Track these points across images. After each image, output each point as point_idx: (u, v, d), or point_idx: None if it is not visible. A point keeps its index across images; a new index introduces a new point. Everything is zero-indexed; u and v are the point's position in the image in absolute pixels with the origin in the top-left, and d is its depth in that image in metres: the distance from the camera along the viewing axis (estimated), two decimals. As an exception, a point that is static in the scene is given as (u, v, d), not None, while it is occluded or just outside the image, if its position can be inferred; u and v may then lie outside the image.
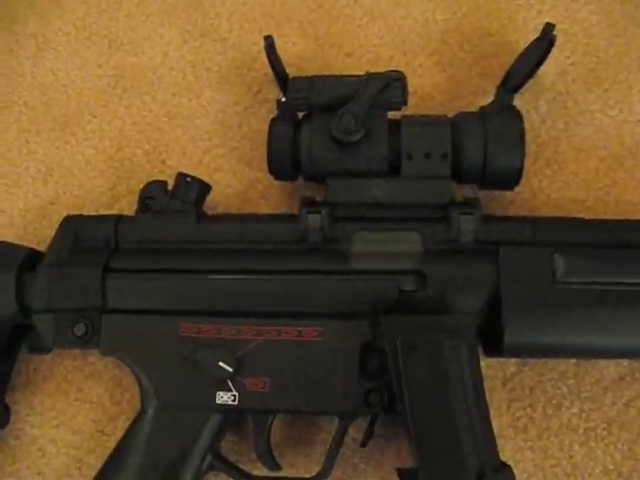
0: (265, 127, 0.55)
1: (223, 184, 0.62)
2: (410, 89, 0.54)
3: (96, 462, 0.55)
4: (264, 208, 0.61)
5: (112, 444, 0.54)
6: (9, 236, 0.62)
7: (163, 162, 0.63)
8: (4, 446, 0.60)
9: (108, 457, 0.53)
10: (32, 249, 0.57)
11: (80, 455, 0.59)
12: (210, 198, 0.58)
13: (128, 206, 0.62)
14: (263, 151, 0.55)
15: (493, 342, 0.51)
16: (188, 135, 0.64)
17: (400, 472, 0.51)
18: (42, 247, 0.58)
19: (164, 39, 0.66)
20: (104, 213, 0.59)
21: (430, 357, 0.48)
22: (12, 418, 0.59)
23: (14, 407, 0.59)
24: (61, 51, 0.67)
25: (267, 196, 0.62)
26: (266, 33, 0.56)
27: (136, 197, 0.57)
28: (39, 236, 0.62)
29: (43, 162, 0.65)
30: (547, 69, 0.61)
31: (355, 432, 0.56)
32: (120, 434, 0.54)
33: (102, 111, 0.65)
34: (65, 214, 0.58)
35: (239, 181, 0.62)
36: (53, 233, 0.57)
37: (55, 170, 0.64)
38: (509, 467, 0.47)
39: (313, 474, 0.52)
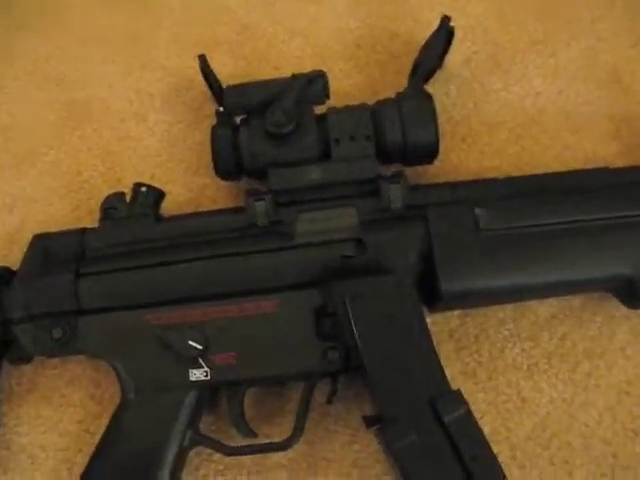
0: (207, 139, 0.61)
1: (175, 194, 0.68)
2: (333, 90, 0.61)
3: (84, 460, 0.58)
4: (218, 197, 0.67)
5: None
6: (-19, 265, 0.66)
7: (119, 181, 0.69)
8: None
9: (95, 449, 0.57)
10: (5, 266, 0.62)
11: (69, 456, 0.62)
12: (164, 207, 0.63)
13: (90, 225, 0.66)
14: (208, 160, 0.61)
15: (433, 295, 0.56)
16: (139, 154, 0.70)
17: (365, 418, 0.56)
18: (14, 270, 0.63)
19: (108, 73, 0.73)
20: (70, 228, 0.63)
21: (376, 307, 0.54)
22: (0, 431, 0.62)
23: (1, 420, 0.62)
24: (15, 94, 0.73)
25: (216, 199, 0.68)
26: (198, 54, 0.63)
27: (97, 216, 0.62)
28: (9, 261, 0.65)
29: (7, 194, 0.70)
30: (453, 59, 0.69)
31: (322, 397, 0.60)
32: (104, 429, 0.57)
33: (58, 142, 0.71)
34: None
35: (189, 189, 0.68)
36: (22, 256, 0.61)
37: (19, 200, 0.70)
38: (458, 390, 0.52)
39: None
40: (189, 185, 0.69)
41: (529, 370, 0.61)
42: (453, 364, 0.62)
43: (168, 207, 0.65)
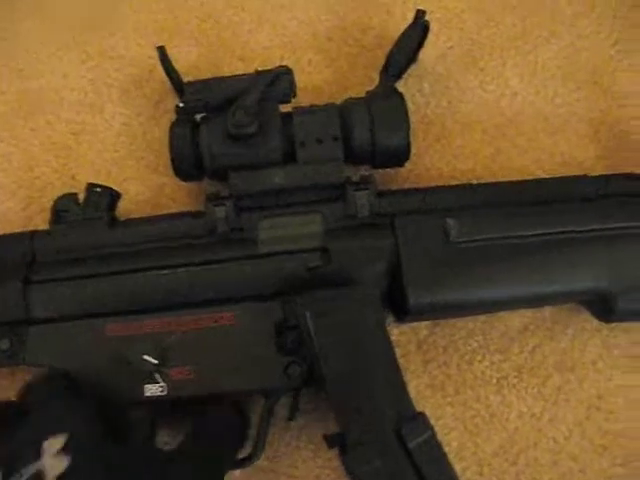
0: (167, 135, 0.57)
1: (133, 192, 0.64)
2: (301, 84, 0.58)
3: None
4: (174, 210, 0.63)
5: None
6: None
7: (73, 177, 0.65)
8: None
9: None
10: None
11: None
12: (121, 206, 0.60)
13: (42, 224, 0.63)
14: (167, 158, 0.57)
15: (401, 308, 0.54)
16: (95, 149, 0.66)
17: (326, 438, 0.54)
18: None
19: (63, 61, 0.68)
20: (18, 231, 0.60)
21: (339, 323, 0.51)
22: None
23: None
24: (-38, 81, 0.69)
25: (175, 199, 0.64)
26: (157, 45, 0.58)
27: (49, 214, 0.58)
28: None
29: (-47, 188, 0.66)
30: (427, 54, 0.66)
31: (283, 411, 0.58)
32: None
33: (8, 135, 0.66)
34: (-21, 237, 0.59)
35: (148, 188, 0.65)
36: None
37: (-33, 196, 0.66)
38: (423, 414, 0.50)
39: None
40: (147, 183, 0.65)
41: (498, 384, 0.59)
42: (421, 376, 0.60)
43: (125, 206, 0.62)
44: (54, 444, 0.45)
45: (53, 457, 0.45)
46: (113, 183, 0.62)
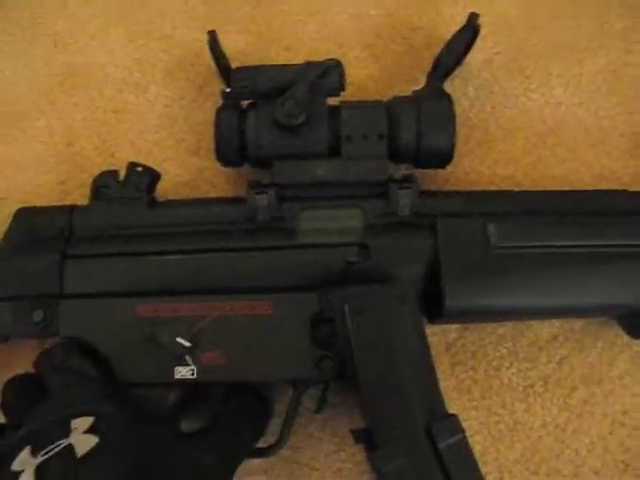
0: (210, 119, 0.57)
1: (172, 174, 0.64)
2: (347, 79, 0.58)
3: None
4: (212, 195, 0.64)
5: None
6: (-39, 232, 0.63)
7: (113, 155, 0.65)
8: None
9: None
10: None
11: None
12: (160, 187, 0.60)
13: (79, 199, 0.63)
14: (209, 142, 0.57)
15: (435, 309, 0.54)
16: (136, 129, 0.66)
17: (353, 432, 0.54)
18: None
19: (110, 38, 0.68)
20: (57, 205, 0.60)
21: (375, 320, 0.51)
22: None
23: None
24: (7, 50, 0.68)
25: (214, 183, 0.64)
26: (208, 30, 0.59)
27: (87, 191, 0.58)
28: (-9, 231, 0.63)
29: (-7, 158, 0.66)
30: (474, 58, 0.66)
31: (309, 402, 0.58)
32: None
33: (51, 108, 0.67)
34: (16, 208, 0.59)
35: (187, 170, 0.65)
36: (4, 227, 0.58)
37: (5, 166, 0.65)
38: (455, 416, 0.50)
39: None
40: (187, 166, 0.65)
41: (524, 392, 0.59)
42: (447, 379, 0.60)
43: (163, 187, 0.62)
44: (82, 424, 0.46)
45: (81, 435, 0.45)
46: (152, 163, 0.62)
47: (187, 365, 0.53)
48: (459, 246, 0.54)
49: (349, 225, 0.55)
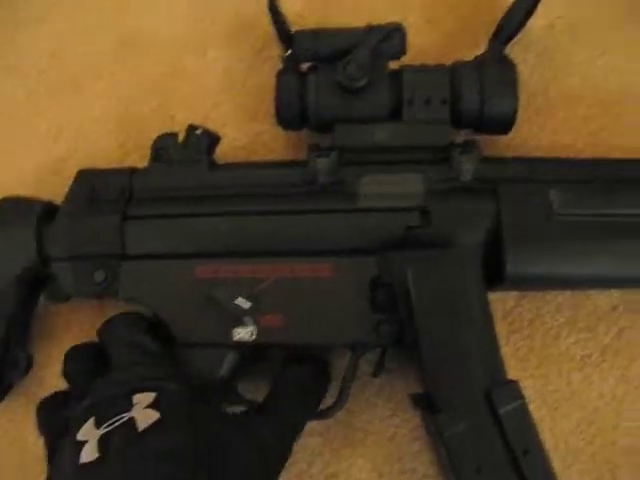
0: (268, 83, 0.57)
1: (230, 137, 0.64)
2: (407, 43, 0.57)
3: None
4: (271, 158, 0.64)
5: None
6: (21, 193, 0.63)
7: (172, 118, 0.65)
8: (27, 393, 0.62)
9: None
10: (49, 201, 0.59)
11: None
12: (218, 150, 0.60)
13: (138, 162, 0.63)
14: (267, 106, 0.57)
15: (495, 276, 0.53)
16: (194, 92, 0.66)
17: (412, 397, 0.54)
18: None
19: (168, 1, 0.68)
20: (118, 167, 0.61)
21: (438, 283, 0.51)
22: (33, 367, 0.60)
23: (34, 356, 0.61)
24: (67, 16, 0.69)
25: (273, 147, 0.64)
26: None
27: (146, 153, 0.58)
28: (51, 193, 0.62)
29: (53, 122, 0.66)
30: (535, 24, 0.64)
31: (365, 367, 0.58)
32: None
33: (109, 72, 0.67)
34: (76, 170, 0.59)
35: (245, 134, 0.65)
36: (65, 189, 0.58)
37: (65, 129, 0.66)
38: (515, 382, 0.50)
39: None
40: (245, 130, 0.65)
41: (582, 361, 0.59)
42: (504, 347, 0.58)
43: (222, 151, 0.61)
44: (145, 399, 0.47)
45: (143, 410, 0.46)
46: (211, 127, 0.62)
47: (246, 327, 0.54)
48: (521, 212, 0.53)
49: (410, 190, 0.55)
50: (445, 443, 0.48)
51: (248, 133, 0.65)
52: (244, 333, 0.54)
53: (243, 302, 0.53)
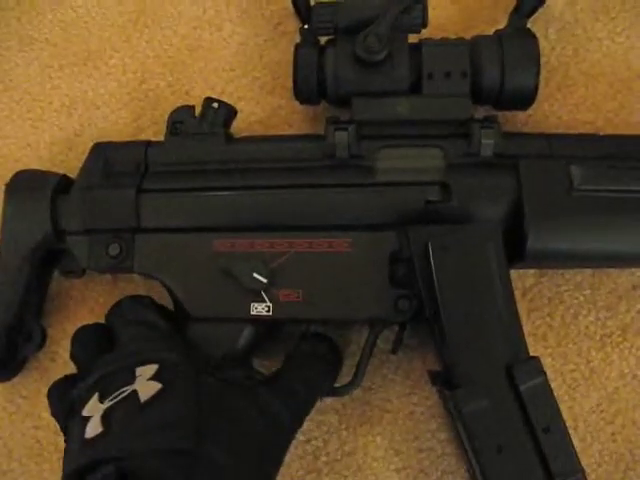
0: (285, 57, 0.57)
1: (247, 112, 0.63)
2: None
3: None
4: (288, 133, 0.63)
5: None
6: (36, 167, 0.63)
7: (187, 93, 0.65)
8: (40, 368, 0.61)
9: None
10: (64, 175, 0.59)
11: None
12: (235, 125, 0.59)
13: (153, 135, 0.63)
14: (284, 80, 0.57)
15: (516, 252, 0.52)
16: (210, 66, 0.65)
17: (431, 374, 0.53)
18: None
19: (184, -24, 0.67)
20: (133, 140, 0.60)
21: (460, 257, 0.50)
22: (47, 341, 0.60)
23: (48, 331, 0.60)
24: (81, -10, 0.68)
25: (290, 122, 0.63)
26: None
27: (161, 127, 0.58)
28: (66, 167, 0.62)
29: (67, 96, 0.66)
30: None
31: (383, 344, 0.58)
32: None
33: (124, 46, 0.66)
34: (90, 145, 0.59)
35: (262, 109, 0.64)
36: (79, 164, 0.58)
37: (79, 103, 0.65)
38: (536, 358, 0.49)
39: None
40: (262, 104, 0.64)
41: (601, 341, 0.58)
42: (523, 324, 0.57)
43: (238, 126, 0.61)
44: (146, 371, 0.46)
45: (145, 382, 0.46)
46: (228, 100, 0.62)
47: (263, 301, 0.53)
48: (542, 187, 0.52)
49: (430, 164, 0.54)
50: (464, 421, 0.48)
51: (265, 108, 0.64)
52: (261, 308, 0.53)
53: (260, 277, 0.52)
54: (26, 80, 0.66)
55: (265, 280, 0.52)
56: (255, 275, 0.53)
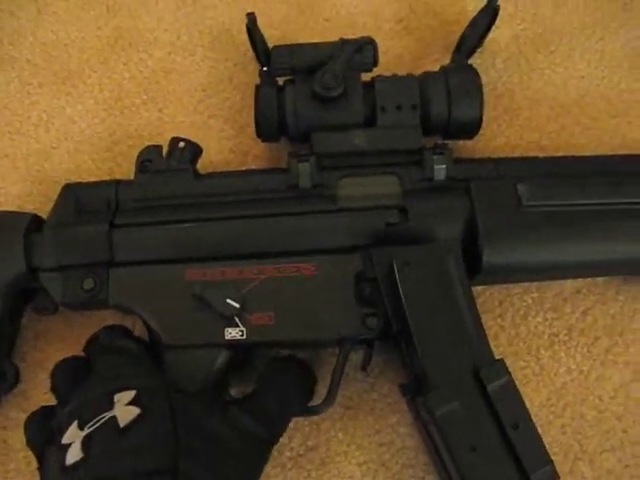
0: (252, 80, 0.61)
1: (216, 129, 0.68)
2: (382, 50, 0.61)
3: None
4: (255, 151, 0.67)
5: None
6: (12, 178, 0.66)
7: (160, 110, 0.69)
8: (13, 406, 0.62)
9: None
10: (35, 214, 0.60)
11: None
12: (206, 144, 0.62)
13: (127, 150, 0.67)
14: (251, 101, 0.60)
15: (473, 267, 0.56)
16: (183, 87, 0.69)
17: (401, 387, 0.56)
18: (45, 189, 0.65)
19: (159, 5, 0.72)
20: (103, 179, 0.63)
21: (423, 274, 0.53)
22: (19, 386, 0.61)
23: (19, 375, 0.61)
24: (61, 14, 0.72)
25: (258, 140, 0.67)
26: (247, 12, 0.61)
27: (135, 142, 0.63)
28: (41, 178, 0.65)
29: (45, 111, 0.69)
30: (502, 33, 0.71)
31: (355, 362, 0.61)
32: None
33: (101, 67, 0.70)
34: (66, 157, 0.63)
35: (231, 126, 0.68)
36: (55, 175, 0.62)
37: (56, 118, 0.69)
38: (501, 360, 0.52)
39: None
40: (231, 122, 0.68)
41: (549, 340, 0.62)
42: None
43: (210, 146, 0.66)
44: (125, 397, 0.48)
45: (124, 407, 0.47)
46: (198, 119, 0.67)
47: (237, 326, 0.55)
48: (493, 206, 0.56)
49: (387, 191, 0.58)
50: (437, 423, 0.50)
51: (234, 126, 0.68)
52: (235, 332, 0.55)
53: (233, 302, 0.54)
54: (6, 96, 0.70)
55: (238, 305, 0.54)
56: (228, 301, 0.54)
